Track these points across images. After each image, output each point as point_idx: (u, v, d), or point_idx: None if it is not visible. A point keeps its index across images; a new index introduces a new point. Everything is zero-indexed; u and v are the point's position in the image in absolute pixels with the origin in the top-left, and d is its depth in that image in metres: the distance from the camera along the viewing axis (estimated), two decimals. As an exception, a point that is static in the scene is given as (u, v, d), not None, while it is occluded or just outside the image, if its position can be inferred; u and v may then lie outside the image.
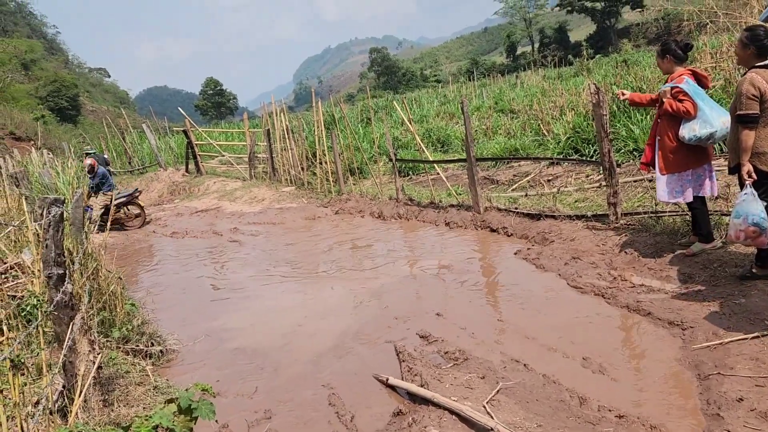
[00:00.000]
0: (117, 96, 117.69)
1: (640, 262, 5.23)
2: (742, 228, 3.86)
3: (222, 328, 5.53)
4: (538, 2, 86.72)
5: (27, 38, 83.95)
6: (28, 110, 51.10)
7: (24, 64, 65.50)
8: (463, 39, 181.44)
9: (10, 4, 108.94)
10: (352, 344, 4.76)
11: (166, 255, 9.37)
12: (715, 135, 4.63)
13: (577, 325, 4.45)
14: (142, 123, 19.03)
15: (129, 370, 4.37)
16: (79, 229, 5.05)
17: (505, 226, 7.28)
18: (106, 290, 5.00)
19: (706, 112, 4.64)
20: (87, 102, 78.27)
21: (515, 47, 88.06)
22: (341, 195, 10.93)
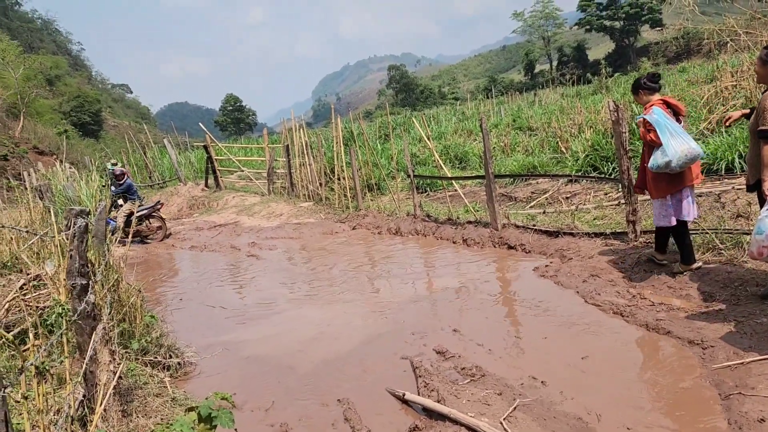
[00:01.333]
0: (138, 111, 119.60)
1: (659, 281, 5.18)
2: (765, 244, 3.80)
3: (239, 342, 5.56)
4: (556, 21, 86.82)
5: (52, 54, 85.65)
6: (51, 125, 51.99)
7: (49, 80, 66.77)
8: (482, 57, 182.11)
9: (36, 21, 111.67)
10: (368, 359, 4.76)
11: (184, 268, 9.46)
12: (671, 164, 4.77)
13: (595, 344, 4.42)
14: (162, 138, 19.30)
15: (147, 381, 4.42)
16: (102, 241, 5.12)
17: (523, 243, 7.26)
18: (126, 302, 5.06)
19: (664, 141, 4.80)
20: (109, 117, 79.66)
21: (533, 65, 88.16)
22: (359, 211, 10.98)
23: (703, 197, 6.53)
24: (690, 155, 4.76)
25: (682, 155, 4.74)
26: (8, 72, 43.51)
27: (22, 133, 40.70)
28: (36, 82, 52.90)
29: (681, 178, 5.00)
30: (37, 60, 58.53)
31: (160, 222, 12.05)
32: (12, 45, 50.85)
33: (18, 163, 33.57)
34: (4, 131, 39.15)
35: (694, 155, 4.78)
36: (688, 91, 11.16)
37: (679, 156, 4.74)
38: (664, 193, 5.07)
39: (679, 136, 4.82)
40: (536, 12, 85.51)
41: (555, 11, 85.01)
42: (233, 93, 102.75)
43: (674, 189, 5.03)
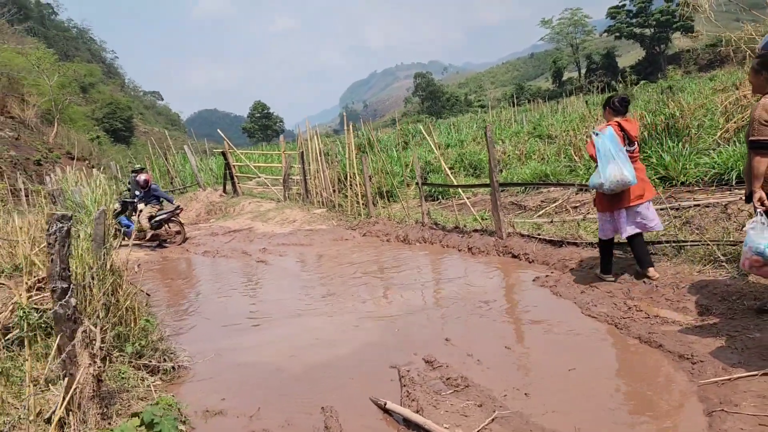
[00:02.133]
0: (169, 118, 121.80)
1: (657, 292, 5.08)
2: (748, 256, 3.77)
3: (236, 348, 5.59)
4: (585, 28, 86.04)
5: (87, 62, 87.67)
6: (84, 131, 53.15)
7: (83, 87, 68.31)
8: (509, 64, 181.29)
9: (72, 30, 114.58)
10: (358, 368, 4.74)
11: (193, 274, 9.57)
12: (604, 186, 5.17)
13: (586, 356, 4.34)
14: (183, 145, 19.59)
15: (137, 384, 4.47)
16: (100, 245, 5.21)
17: (526, 252, 7.18)
18: (123, 305, 5.13)
19: (601, 164, 5.18)
20: (140, 124, 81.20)
21: (561, 73, 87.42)
22: (369, 218, 10.98)
23: (710, 208, 6.38)
24: (621, 181, 5.10)
25: (614, 180, 5.10)
26: (43, 79, 44.64)
27: (56, 139, 41.69)
28: (70, 90, 54.21)
29: (619, 199, 5.32)
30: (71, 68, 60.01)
31: (179, 227, 12.22)
32: (48, 53, 52.18)
33: (51, 169, 34.39)
34: (39, 137, 40.16)
35: (624, 182, 5.11)
36: (712, 99, 10.93)
37: (611, 180, 5.11)
38: (603, 209, 5.46)
39: (615, 161, 5.12)
40: (564, 19, 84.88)
41: (583, 18, 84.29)
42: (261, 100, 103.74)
43: (613, 207, 5.37)
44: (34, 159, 33.02)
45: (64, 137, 43.63)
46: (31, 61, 44.16)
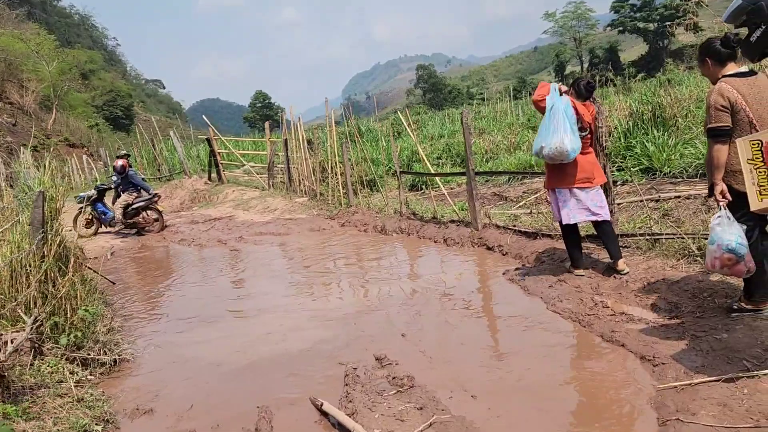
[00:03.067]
0: (170, 107, 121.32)
1: (627, 288, 4.77)
2: (717, 255, 3.46)
3: (186, 341, 5.29)
4: (588, 22, 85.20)
5: (88, 49, 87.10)
6: (84, 118, 52.82)
7: (83, 74, 67.77)
8: (513, 58, 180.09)
9: (74, 16, 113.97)
10: (307, 364, 4.44)
11: (165, 263, 9.28)
12: (544, 150, 4.86)
13: (544, 354, 4.04)
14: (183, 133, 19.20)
15: (64, 379, 4.17)
16: (37, 230, 4.91)
17: (501, 244, 6.87)
18: (60, 294, 4.83)
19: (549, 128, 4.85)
20: (141, 112, 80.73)
21: (564, 67, 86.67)
22: (350, 207, 10.67)
23: (691, 200, 6.06)
24: (560, 149, 4.78)
25: (554, 146, 4.80)
26: (43, 65, 44.27)
27: (55, 125, 41.44)
28: (70, 76, 53.81)
29: (563, 175, 5.05)
30: (71, 54, 59.57)
31: (157, 214, 11.93)
32: (48, 39, 51.78)
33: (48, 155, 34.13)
34: (37, 123, 39.87)
35: (563, 152, 4.79)
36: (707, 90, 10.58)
37: (552, 147, 4.81)
38: (547, 184, 5.26)
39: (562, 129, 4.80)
40: (568, 13, 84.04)
41: (587, 12, 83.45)
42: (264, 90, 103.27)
43: (556, 184, 5.13)
44: (31, 145, 32.68)
45: (62, 124, 43.39)
46: (31, 46, 43.80)
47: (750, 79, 3.57)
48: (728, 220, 3.45)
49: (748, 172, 2.85)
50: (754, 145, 2.84)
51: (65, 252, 5.58)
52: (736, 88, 3.52)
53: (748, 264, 3.44)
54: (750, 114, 3.48)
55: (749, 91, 3.52)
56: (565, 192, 5.10)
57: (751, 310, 3.75)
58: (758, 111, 3.51)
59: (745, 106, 3.48)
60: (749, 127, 3.50)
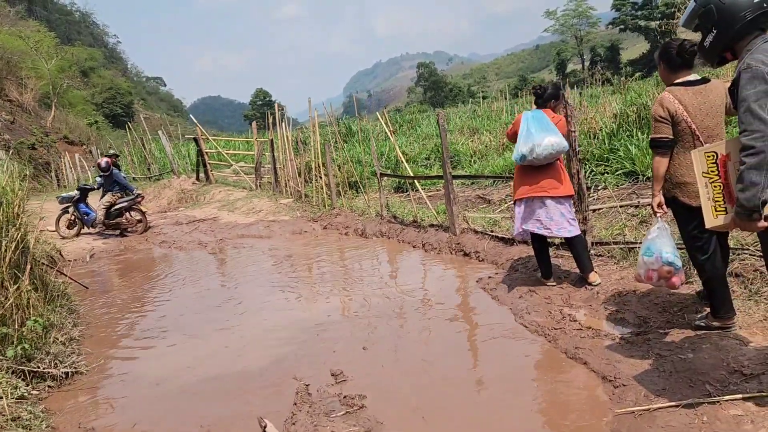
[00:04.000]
0: (171, 104, 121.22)
1: (597, 299, 4.57)
2: (655, 267, 3.46)
3: (142, 355, 5.09)
4: (589, 20, 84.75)
5: (89, 47, 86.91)
6: (83, 116, 52.59)
7: (83, 72, 67.56)
8: (514, 56, 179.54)
9: (75, 13, 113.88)
10: (261, 379, 4.24)
11: (142, 266, 9.09)
12: (536, 149, 4.64)
13: (503, 371, 3.85)
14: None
15: (4, 395, 3.98)
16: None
17: (478, 250, 6.67)
18: (6, 303, 4.64)
19: (532, 132, 4.69)
20: (141, 109, 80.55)
21: (565, 65, 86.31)
22: (333, 210, 10.48)
23: (671, 206, 5.84)
24: (558, 145, 4.64)
25: (548, 144, 4.63)
26: (42, 62, 44.05)
27: (54, 123, 41.22)
28: (70, 73, 53.59)
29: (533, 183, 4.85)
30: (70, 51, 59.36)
31: (140, 215, 11.76)
32: (48, 36, 51.55)
33: (46, 153, 33.96)
34: (36, 121, 39.70)
35: (561, 146, 4.67)
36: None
37: (545, 145, 4.63)
38: (516, 196, 5.00)
39: (547, 130, 4.69)
40: (569, 11, 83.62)
41: (588, 10, 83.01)
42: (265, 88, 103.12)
43: (516, 196, 4.97)
44: (29, 143, 32.51)
45: (62, 121, 43.16)
46: (30, 44, 43.56)
47: (698, 88, 3.44)
48: (665, 231, 3.43)
49: (703, 186, 2.64)
50: (709, 157, 2.63)
51: (23, 258, 5.41)
52: (679, 98, 3.41)
53: (681, 276, 3.51)
54: (692, 124, 3.38)
55: (693, 101, 3.40)
56: (520, 203, 4.92)
57: (719, 327, 3.55)
58: (703, 121, 3.40)
59: (687, 117, 3.38)
60: (692, 137, 3.40)
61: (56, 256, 9.25)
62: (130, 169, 21.41)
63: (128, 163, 21.83)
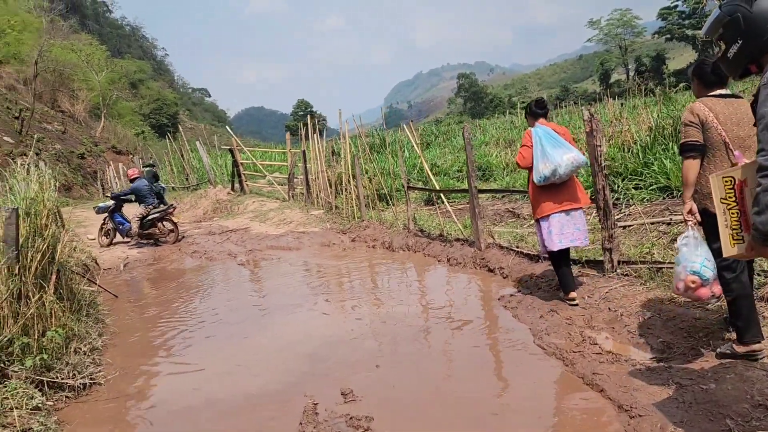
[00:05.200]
0: (215, 115, 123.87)
1: (620, 322, 4.37)
2: (682, 277, 3.37)
3: (158, 370, 5.10)
4: (634, 30, 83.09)
5: (138, 59, 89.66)
6: (131, 126, 54.20)
7: (132, 84, 69.66)
8: (557, 66, 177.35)
9: (125, 27, 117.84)
10: (271, 395, 4.20)
11: (173, 276, 9.20)
12: (559, 170, 4.74)
13: (517, 396, 3.72)
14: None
15: (19, 405, 4.03)
16: (11, 246, 4.83)
17: (502, 266, 6.51)
18: (28, 313, 4.72)
19: (548, 150, 4.78)
20: (186, 120, 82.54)
21: (609, 75, 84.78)
22: (362, 222, 10.44)
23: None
24: (576, 161, 4.77)
25: (569, 162, 4.74)
26: (93, 75, 45.63)
27: (103, 133, 42.61)
28: (119, 85, 55.38)
29: (555, 200, 4.92)
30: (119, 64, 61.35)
31: (172, 225, 11.93)
32: (99, 49, 53.44)
33: (95, 162, 35.07)
34: (86, 131, 41.10)
35: (579, 161, 4.80)
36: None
37: (567, 163, 4.74)
38: (539, 214, 5.02)
39: (562, 146, 4.81)
40: (613, 20, 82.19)
41: (633, 19, 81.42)
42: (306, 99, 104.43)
43: (547, 211, 4.94)
44: (79, 152, 33.57)
45: (110, 131, 44.55)
46: (81, 57, 45.16)
47: (729, 100, 3.46)
48: (695, 240, 3.34)
49: (722, 213, 2.48)
50: (727, 182, 2.46)
51: (49, 268, 5.51)
52: (709, 106, 3.44)
53: (713, 288, 3.35)
54: (723, 133, 3.37)
55: (724, 111, 3.42)
56: (556, 215, 4.91)
57: (744, 355, 3.34)
58: (734, 130, 3.39)
59: (717, 125, 3.38)
60: (724, 146, 3.39)
61: (91, 265, 9.45)
62: (169, 178, 21.86)
63: (168, 173, 22.30)
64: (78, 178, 30.38)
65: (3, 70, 36.92)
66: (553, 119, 23.94)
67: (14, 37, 38.25)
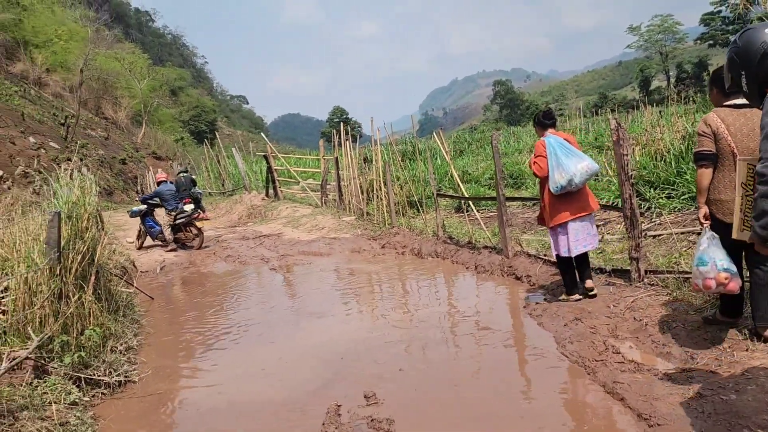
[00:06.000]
0: (252, 121, 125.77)
1: (645, 332, 4.35)
2: (712, 275, 3.54)
3: (189, 367, 5.28)
4: (676, 36, 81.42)
5: (179, 67, 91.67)
6: (171, 132, 55.48)
7: (172, 91, 71.23)
8: (595, 73, 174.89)
9: (167, 36, 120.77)
10: (297, 397, 4.30)
11: (205, 280, 9.44)
12: (574, 180, 4.96)
13: (536, 404, 3.74)
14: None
15: (57, 400, 4.21)
16: (53, 248, 5.07)
17: (529, 274, 6.52)
18: (67, 312, 4.94)
19: (563, 160, 5.00)
20: (224, 126, 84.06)
21: (649, 82, 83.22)
22: (392, 228, 10.53)
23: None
24: (590, 169, 5.00)
25: (583, 170, 4.95)
26: (135, 82, 46.96)
27: (143, 139, 43.79)
28: (160, 92, 56.81)
29: (569, 207, 5.13)
30: (161, 72, 62.92)
31: (196, 230, 12.20)
32: (142, 58, 54.96)
33: (135, 167, 36.06)
34: (128, 137, 42.31)
35: (593, 169, 5.03)
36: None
37: (581, 172, 4.95)
38: (554, 222, 5.22)
39: (575, 155, 5.04)
40: (654, 26, 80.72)
41: (674, 25, 79.82)
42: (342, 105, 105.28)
43: (562, 219, 5.14)
44: (120, 158, 34.52)
45: (151, 138, 45.73)
46: (124, 65, 46.53)
47: (743, 111, 3.58)
48: (715, 240, 3.56)
49: (739, 197, 2.70)
50: (750, 169, 2.64)
51: (89, 269, 5.74)
52: (722, 118, 3.62)
53: (738, 281, 3.57)
54: (732, 143, 3.56)
55: (736, 122, 3.58)
56: (572, 223, 5.13)
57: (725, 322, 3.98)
58: (743, 141, 3.55)
59: (727, 136, 3.57)
60: (732, 157, 3.56)
61: (129, 267, 9.76)
62: (206, 184, 22.34)
63: (205, 179, 22.79)
64: (119, 182, 31.24)
65: (50, 78, 38.25)
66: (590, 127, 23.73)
67: (61, 46, 39.61)
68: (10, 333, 4.71)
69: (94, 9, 59.25)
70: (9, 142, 18.97)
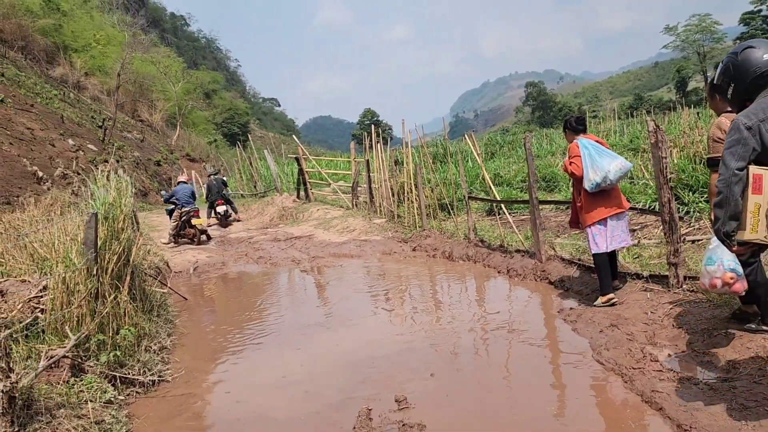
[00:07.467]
0: (284, 124, 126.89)
1: (683, 339, 4.24)
2: (719, 275, 3.63)
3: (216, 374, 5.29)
4: (714, 35, 79.45)
5: (212, 70, 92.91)
6: (204, 135, 56.31)
7: (206, 94, 72.22)
8: (630, 74, 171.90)
9: (201, 40, 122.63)
10: (328, 399, 4.30)
11: (235, 282, 9.53)
12: (609, 176, 5.16)
13: (571, 413, 3.66)
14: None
15: (93, 398, 4.28)
16: (90, 248, 5.16)
17: (563, 279, 6.40)
18: (103, 312, 5.02)
19: (597, 159, 5.21)
20: (256, 129, 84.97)
21: (686, 83, 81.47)
22: (423, 231, 10.48)
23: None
24: (623, 167, 5.23)
25: (617, 168, 5.18)
26: (170, 86, 47.81)
27: (178, 141, 44.53)
28: (194, 95, 57.73)
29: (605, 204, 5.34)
30: (195, 75, 63.91)
31: (193, 229, 12.73)
32: (177, 61, 55.89)
33: (170, 169, 36.72)
34: (163, 139, 43.10)
35: (626, 167, 5.25)
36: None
37: (615, 170, 5.17)
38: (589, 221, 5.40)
39: (608, 155, 5.27)
40: (691, 26, 78.91)
41: (712, 25, 77.89)
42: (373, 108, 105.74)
43: (599, 216, 5.34)
44: (155, 159, 35.16)
45: (185, 140, 46.50)
46: (160, 69, 47.40)
47: None
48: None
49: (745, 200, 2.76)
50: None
51: (125, 270, 5.84)
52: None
53: (744, 283, 3.64)
54: None
55: None
56: (608, 220, 5.34)
57: None
58: None
59: None
60: None
61: (163, 268, 9.91)
62: (238, 186, 22.59)
63: (237, 181, 23.05)
64: (154, 184, 31.81)
65: (89, 82, 39.16)
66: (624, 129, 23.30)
67: (99, 50, 40.53)
68: (48, 332, 4.80)
69: (131, 14, 60.41)
70: (49, 144, 19.46)
